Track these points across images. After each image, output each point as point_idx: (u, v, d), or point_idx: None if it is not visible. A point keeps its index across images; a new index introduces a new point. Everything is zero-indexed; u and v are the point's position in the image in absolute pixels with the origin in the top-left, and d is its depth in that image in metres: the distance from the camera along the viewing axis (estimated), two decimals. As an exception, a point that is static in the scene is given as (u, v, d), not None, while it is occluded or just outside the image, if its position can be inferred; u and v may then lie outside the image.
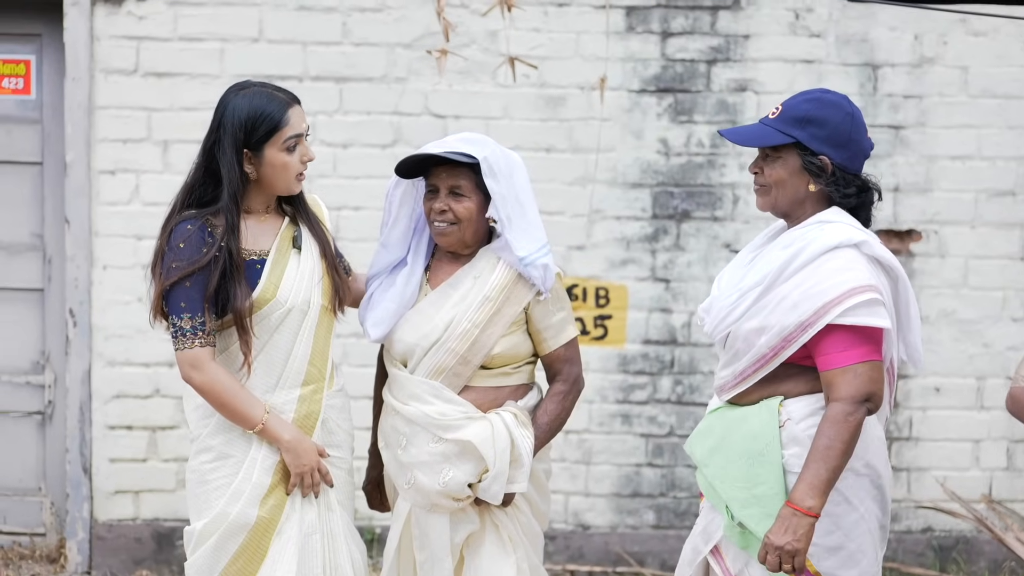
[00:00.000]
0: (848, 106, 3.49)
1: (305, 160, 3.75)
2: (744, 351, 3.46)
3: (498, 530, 3.82)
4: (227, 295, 3.64)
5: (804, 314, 3.33)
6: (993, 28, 5.93)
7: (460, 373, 3.76)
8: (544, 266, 3.76)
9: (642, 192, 5.99)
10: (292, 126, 3.69)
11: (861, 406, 3.30)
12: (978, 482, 6.10)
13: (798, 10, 5.95)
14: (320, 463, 3.73)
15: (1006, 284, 6.06)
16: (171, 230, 3.66)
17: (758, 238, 3.71)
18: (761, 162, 3.54)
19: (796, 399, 3.43)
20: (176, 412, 5.99)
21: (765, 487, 3.37)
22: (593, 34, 5.92)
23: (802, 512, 3.26)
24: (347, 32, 5.94)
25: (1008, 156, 6.01)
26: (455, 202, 3.74)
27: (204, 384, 3.66)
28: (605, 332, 6.03)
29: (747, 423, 3.46)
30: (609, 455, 6.08)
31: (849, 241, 3.38)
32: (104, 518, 6.05)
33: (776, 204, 3.52)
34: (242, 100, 3.67)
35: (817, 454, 3.28)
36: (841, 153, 3.44)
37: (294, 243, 3.78)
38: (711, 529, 3.55)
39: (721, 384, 3.57)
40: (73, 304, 5.96)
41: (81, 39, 5.87)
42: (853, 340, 3.32)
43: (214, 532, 3.69)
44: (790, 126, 3.46)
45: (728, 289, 3.55)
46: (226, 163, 3.64)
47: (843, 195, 3.46)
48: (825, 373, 3.34)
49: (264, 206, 3.77)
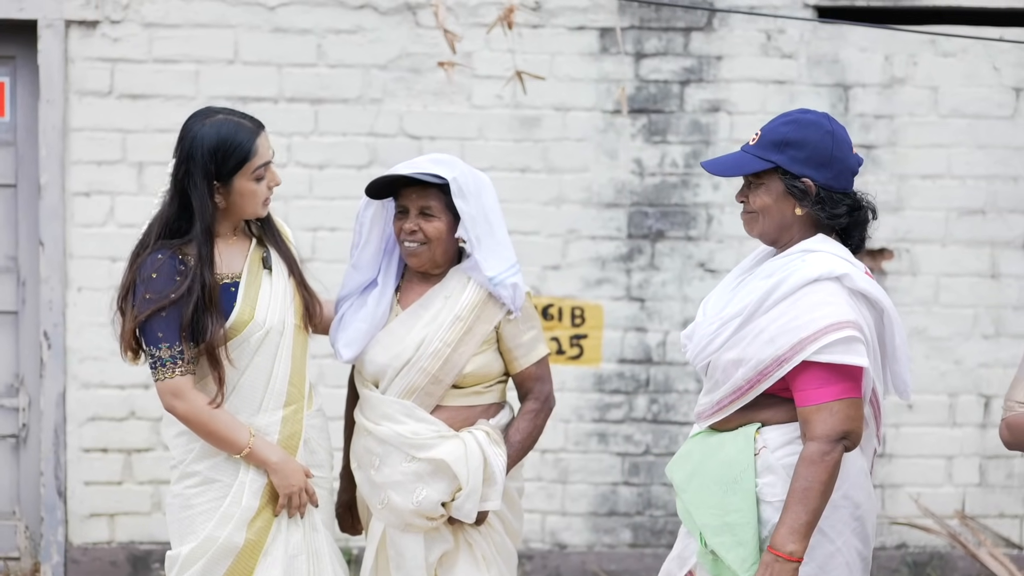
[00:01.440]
0: (828, 124, 3.41)
1: (272, 186, 3.74)
2: (722, 381, 3.41)
3: (472, 549, 3.83)
4: (201, 327, 3.63)
5: (780, 349, 3.27)
6: (962, 49, 5.99)
7: (432, 392, 3.78)
8: (513, 285, 3.78)
9: (617, 212, 6.02)
10: (260, 155, 3.67)
11: (837, 444, 3.23)
12: (951, 498, 6.13)
13: (770, 31, 6.00)
14: (307, 483, 3.74)
15: (977, 302, 6.10)
16: (141, 262, 3.65)
17: (747, 260, 3.62)
18: (746, 190, 3.45)
19: (774, 427, 3.36)
20: (152, 434, 5.99)
21: (737, 515, 3.31)
22: (568, 55, 5.96)
23: (784, 558, 3.20)
24: (322, 54, 5.96)
25: (978, 175, 6.06)
26: (425, 222, 3.76)
27: (187, 413, 3.64)
28: (581, 351, 6.05)
29: (723, 450, 3.40)
30: (585, 474, 6.10)
31: (830, 274, 3.30)
32: (79, 541, 6.04)
33: (764, 231, 3.44)
34: (209, 130, 3.63)
35: (796, 496, 3.21)
36: (824, 173, 3.36)
37: (264, 264, 3.78)
38: (685, 555, 3.53)
39: (700, 411, 3.53)
40: (47, 326, 5.96)
41: (55, 61, 5.88)
42: (830, 377, 3.25)
43: (201, 556, 3.68)
44: (769, 151, 3.38)
45: (710, 317, 3.48)
46: (197, 196, 3.61)
47: (831, 216, 3.38)
48: (801, 409, 3.28)
49: (231, 229, 3.76)
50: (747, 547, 3.30)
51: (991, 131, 6.03)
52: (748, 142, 3.46)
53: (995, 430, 6.05)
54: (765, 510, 3.31)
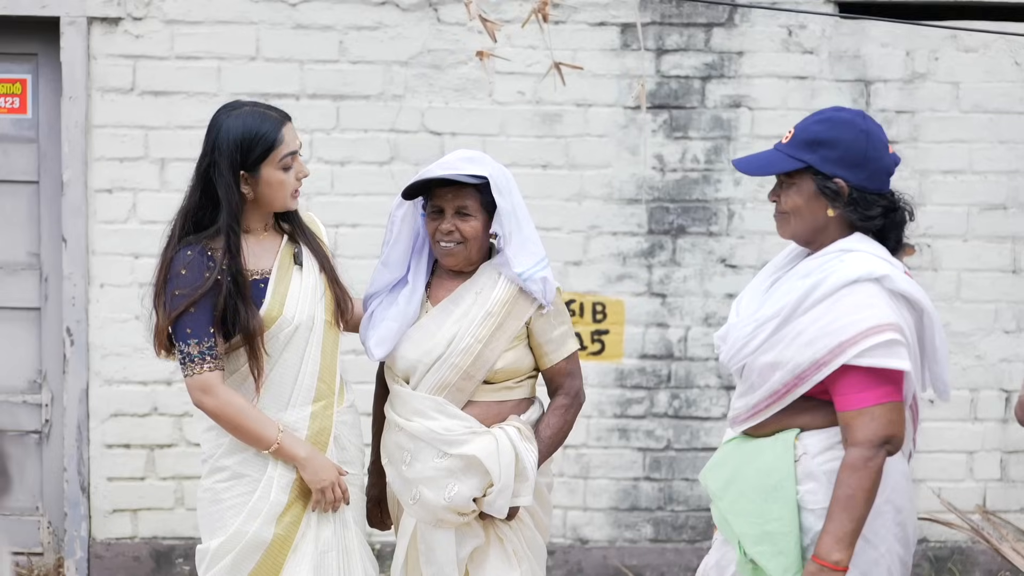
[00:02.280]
0: (863, 123, 3.32)
1: (300, 176, 3.76)
2: (759, 384, 3.34)
3: (503, 544, 3.84)
4: (235, 317, 3.64)
5: (819, 352, 3.20)
6: (983, 44, 5.99)
7: (463, 388, 3.78)
8: (543, 279, 3.79)
9: (638, 208, 6.03)
10: (287, 144, 3.70)
11: (880, 450, 3.17)
12: (972, 493, 6.14)
13: (791, 27, 6.00)
14: (339, 478, 3.74)
15: (998, 297, 6.10)
16: (171, 258, 3.66)
17: (779, 257, 3.55)
18: (778, 190, 3.38)
19: (813, 432, 3.30)
20: (174, 430, 6.00)
21: (778, 524, 3.26)
22: (589, 51, 5.96)
23: (829, 567, 3.16)
24: (344, 50, 5.97)
25: (999, 170, 6.06)
26: (462, 222, 3.77)
27: (216, 408, 3.66)
28: (602, 347, 6.06)
29: (761, 456, 3.34)
30: (607, 469, 6.11)
31: (870, 275, 3.22)
32: (102, 537, 6.06)
33: (796, 232, 3.37)
34: (235, 121, 3.67)
35: (840, 504, 3.16)
36: (858, 173, 3.28)
37: (295, 260, 3.80)
38: (724, 563, 3.47)
39: (735, 416, 3.46)
40: (70, 323, 5.97)
41: (78, 58, 5.89)
42: (871, 381, 3.19)
43: (231, 550, 3.70)
44: (801, 150, 3.31)
45: (745, 318, 3.41)
46: (223, 185, 3.64)
47: (865, 218, 3.30)
48: (842, 414, 3.22)
49: (262, 224, 3.79)
50: (788, 556, 3.25)
51: (1012, 126, 6.03)
52: (781, 140, 3.40)
53: (1017, 425, 6.06)
54: (807, 518, 3.26)
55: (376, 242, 5.76)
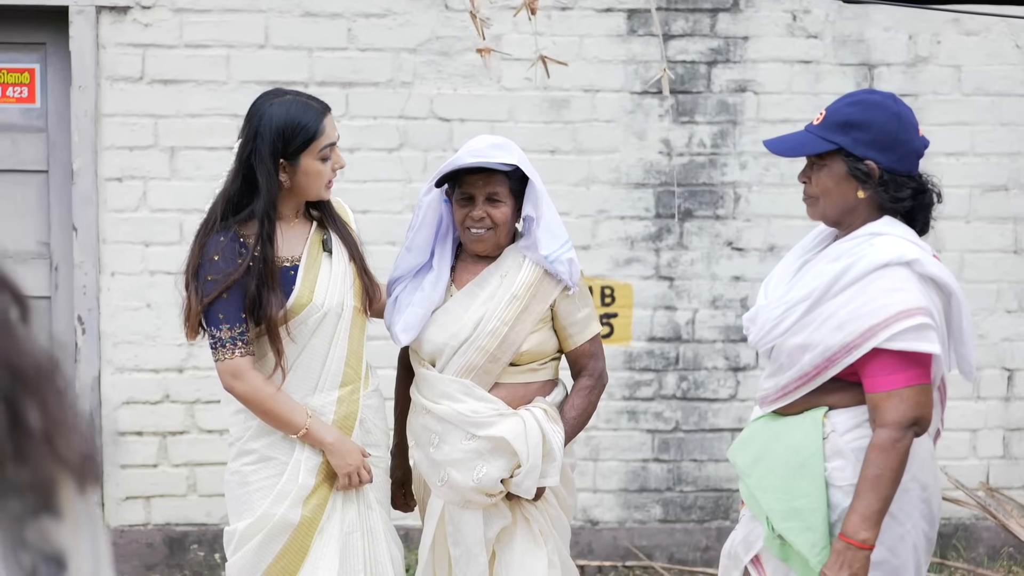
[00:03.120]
0: (894, 105, 3.35)
1: (336, 167, 3.80)
2: (788, 366, 3.36)
3: (529, 524, 3.89)
4: (261, 303, 3.69)
5: (850, 335, 3.23)
6: (985, 27, 6.06)
7: (490, 371, 3.82)
8: (569, 260, 3.84)
9: (645, 192, 6.08)
10: (327, 135, 3.74)
11: (908, 431, 3.20)
12: (976, 470, 6.22)
13: (795, 11, 6.06)
14: (364, 461, 3.80)
15: (1000, 277, 6.18)
16: (204, 243, 3.70)
17: (807, 239, 3.58)
18: (808, 171, 3.41)
19: (841, 411, 3.33)
20: (186, 417, 6.04)
21: (806, 500, 3.29)
22: (596, 37, 6.00)
23: (856, 545, 3.19)
24: (352, 38, 6.00)
25: (1001, 152, 6.13)
26: (493, 208, 3.81)
27: (246, 393, 3.70)
28: (611, 330, 6.11)
29: (790, 434, 3.37)
30: (616, 451, 6.17)
31: (901, 259, 3.24)
32: (115, 524, 6.09)
33: (826, 214, 3.40)
34: (277, 109, 3.70)
35: (867, 484, 3.19)
36: (889, 156, 3.30)
37: (324, 247, 3.83)
38: (751, 539, 3.50)
39: (764, 396, 3.49)
40: (81, 311, 6.00)
41: (87, 47, 5.90)
42: (900, 363, 3.21)
43: (258, 532, 3.74)
44: (833, 132, 3.33)
45: (775, 300, 3.43)
46: (264, 172, 3.67)
47: (895, 200, 3.32)
48: (871, 396, 3.24)
49: (293, 212, 3.82)
50: (816, 532, 3.29)
51: (1014, 109, 6.10)
52: (812, 122, 3.42)
53: (1019, 403, 6.15)
54: (835, 494, 3.29)
55: (386, 228, 5.86)
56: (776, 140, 3.49)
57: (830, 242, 3.47)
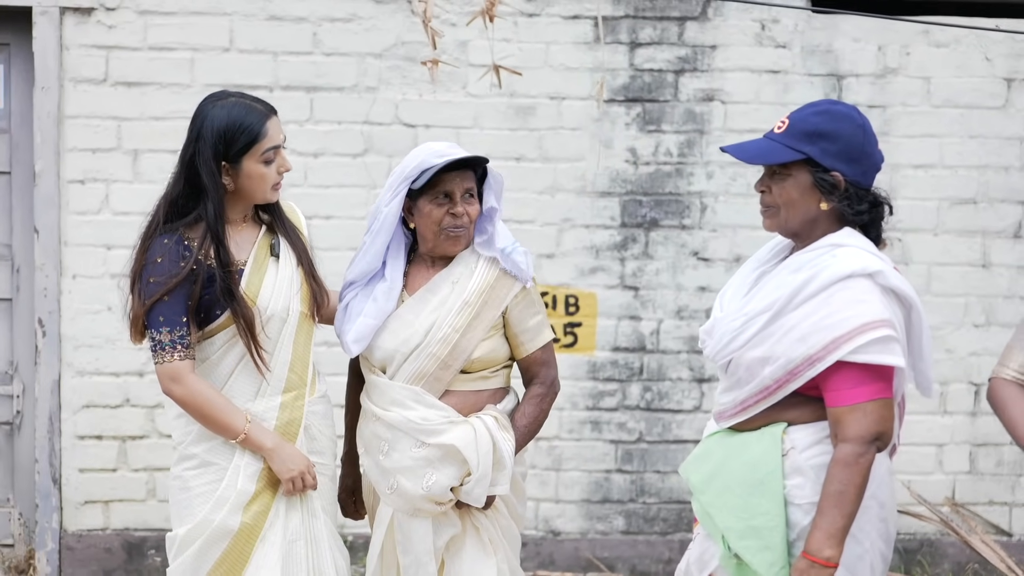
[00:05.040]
0: (859, 118, 3.32)
1: (282, 171, 3.76)
2: (747, 380, 3.32)
3: (479, 532, 3.85)
4: (211, 306, 3.65)
5: (812, 348, 3.19)
6: (955, 39, 6.03)
7: (441, 378, 3.79)
8: (525, 252, 3.84)
9: (611, 201, 6.05)
10: (270, 138, 3.70)
11: (871, 446, 3.16)
12: (942, 486, 6.19)
13: (764, 21, 6.03)
14: (309, 466, 3.75)
15: (968, 291, 6.15)
16: (148, 245, 3.67)
17: (762, 251, 3.54)
18: (768, 180, 3.36)
19: (800, 427, 3.29)
20: (146, 421, 5.99)
21: (764, 518, 3.25)
22: (563, 44, 5.97)
23: (820, 563, 3.15)
24: (318, 42, 5.96)
25: (969, 165, 6.10)
26: (469, 206, 3.80)
27: (184, 397, 3.67)
28: (575, 339, 6.08)
29: (748, 450, 3.32)
30: (579, 461, 6.12)
31: (864, 271, 3.21)
32: (74, 528, 6.03)
33: (786, 225, 3.35)
34: (220, 111, 3.67)
35: (831, 500, 3.15)
36: (854, 168, 3.27)
37: (272, 251, 3.80)
38: (706, 558, 3.45)
39: (721, 411, 3.44)
40: (42, 313, 5.95)
41: (50, 48, 5.86)
42: (863, 377, 3.17)
43: (197, 538, 3.71)
44: (799, 141, 3.29)
45: (732, 312, 3.38)
46: (207, 175, 3.64)
47: (856, 212, 3.28)
48: (833, 410, 3.20)
49: (241, 216, 3.79)
50: (775, 551, 3.25)
51: (983, 121, 6.08)
52: (772, 130, 3.37)
53: (986, 418, 6.12)
54: (794, 512, 3.26)
55: (349, 234, 5.82)
56: (739, 146, 3.43)
57: (787, 254, 3.44)
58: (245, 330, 3.66)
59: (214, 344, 3.72)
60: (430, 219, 3.79)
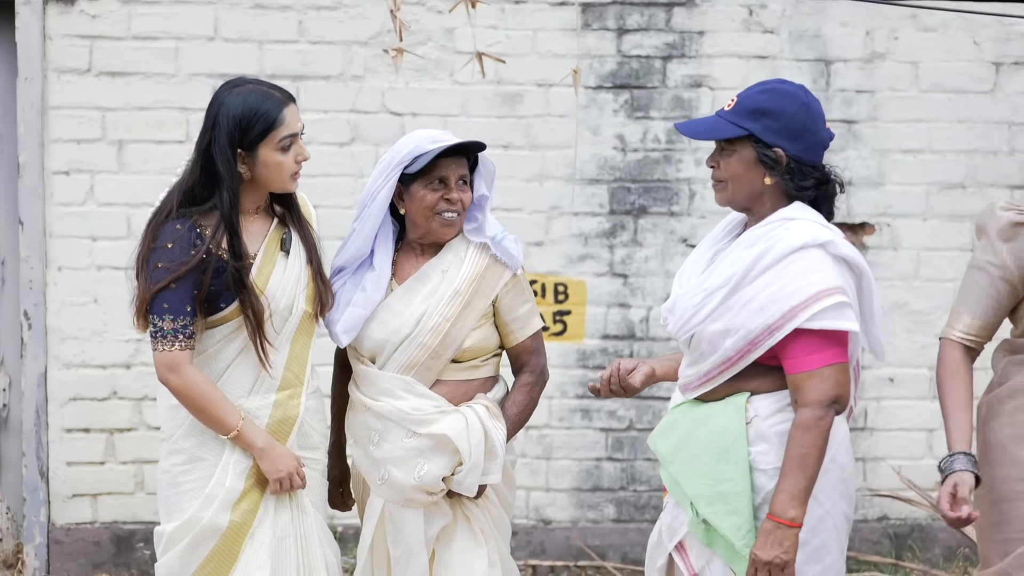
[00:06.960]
0: (804, 96, 3.44)
1: (300, 159, 3.70)
2: (709, 352, 3.43)
3: (469, 522, 3.84)
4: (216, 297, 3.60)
5: (771, 318, 3.31)
6: (943, 23, 6.02)
7: (431, 367, 3.77)
8: (516, 239, 3.84)
9: (599, 188, 6.03)
10: (287, 125, 3.64)
11: (829, 409, 3.30)
12: (932, 470, 6.16)
13: (751, 6, 6.01)
14: (298, 467, 3.71)
15: (957, 275, 6.13)
16: (159, 229, 3.60)
17: (716, 230, 3.66)
18: (717, 156, 3.49)
19: (763, 396, 3.41)
20: (134, 414, 5.96)
21: (730, 484, 3.36)
22: (549, 31, 5.95)
23: (785, 524, 3.26)
24: (303, 30, 5.93)
25: (958, 150, 6.10)
26: (463, 192, 3.79)
27: (180, 387, 3.61)
28: (564, 327, 6.06)
29: (713, 419, 3.44)
30: (569, 450, 6.11)
31: (815, 241, 3.34)
32: (62, 522, 6.00)
33: (733, 198, 3.48)
34: (236, 98, 3.61)
35: (793, 463, 3.28)
36: (796, 145, 3.40)
37: (282, 246, 3.75)
38: (675, 525, 3.54)
39: (686, 383, 3.55)
40: (28, 306, 5.91)
41: (33, 38, 5.82)
42: (820, 343, 3.31)
43: (185, 536, 3.66)
44: (744, 118, 3.41)
45: (692, 288, 3.51)
46: (223, 163, 3.58)
47: (799, 188, 3.42)
48: (792, 376, 3.34)
49: (254, 206, 3.72)
50: (741, 515, 3.35)
51: (971, 106, 6.07)
52: (724, 107, 3.50)
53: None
54: (759, 478, 3.37)
55: (336, 223, 5.78)
56: (688, 123, 3.58)
57: (740, 231, 3.56)
58: (253, 323, 3.61)
59: (214, 336, 3.67)
60: (423, 204, 3.76)
